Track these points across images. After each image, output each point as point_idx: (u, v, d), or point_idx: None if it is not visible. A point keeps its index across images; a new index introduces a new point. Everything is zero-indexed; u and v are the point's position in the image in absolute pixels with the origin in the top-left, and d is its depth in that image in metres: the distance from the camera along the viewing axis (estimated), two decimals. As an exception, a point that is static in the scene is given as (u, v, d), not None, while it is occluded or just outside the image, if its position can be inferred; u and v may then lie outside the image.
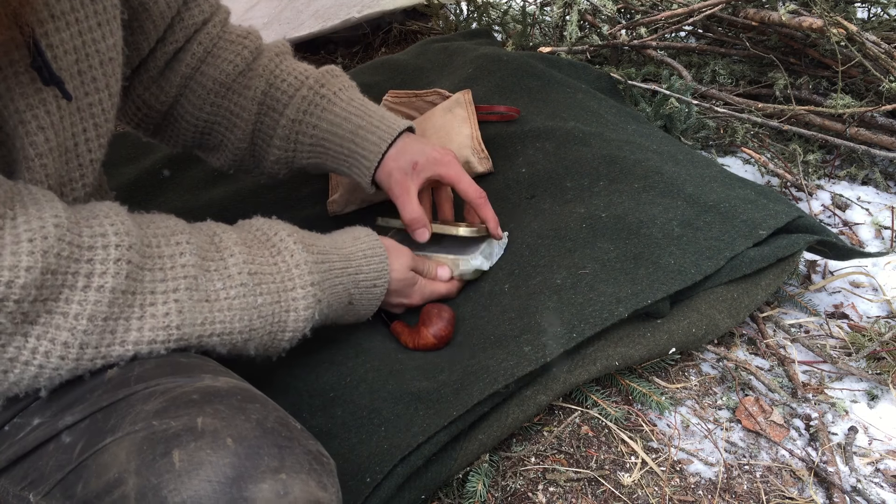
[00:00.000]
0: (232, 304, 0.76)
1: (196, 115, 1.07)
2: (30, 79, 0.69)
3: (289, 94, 1.06)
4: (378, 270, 0.96)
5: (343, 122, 1.06)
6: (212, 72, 1.05)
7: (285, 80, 1.07)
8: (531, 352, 0.93)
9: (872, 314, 1.15)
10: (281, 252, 0.83)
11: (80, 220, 0.67)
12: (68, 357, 0.65)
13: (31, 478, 0.65)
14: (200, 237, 0.77)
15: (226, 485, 0.57)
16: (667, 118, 1.51)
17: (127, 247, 0.68)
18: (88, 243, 0.66)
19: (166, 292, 0.71)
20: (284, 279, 0.82)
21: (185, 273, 0.72)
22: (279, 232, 0.85)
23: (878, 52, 1.41)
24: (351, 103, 1.08)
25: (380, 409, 0.90)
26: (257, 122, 1.08)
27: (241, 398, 0.65)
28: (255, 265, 0.79)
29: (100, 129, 0.78)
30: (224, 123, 1.08)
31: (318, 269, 0.85)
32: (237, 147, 1.10)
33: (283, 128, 1.07)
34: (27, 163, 0.69)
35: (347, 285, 0.91)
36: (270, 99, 1.07)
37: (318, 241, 0.90)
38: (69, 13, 0.73)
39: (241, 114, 1.07)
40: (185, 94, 1.06)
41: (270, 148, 1.09)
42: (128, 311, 0.68)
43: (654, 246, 1.06)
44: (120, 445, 0.61)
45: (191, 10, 1.03)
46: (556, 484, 0.91)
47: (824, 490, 0.90)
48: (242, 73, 1.06)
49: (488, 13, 2.14)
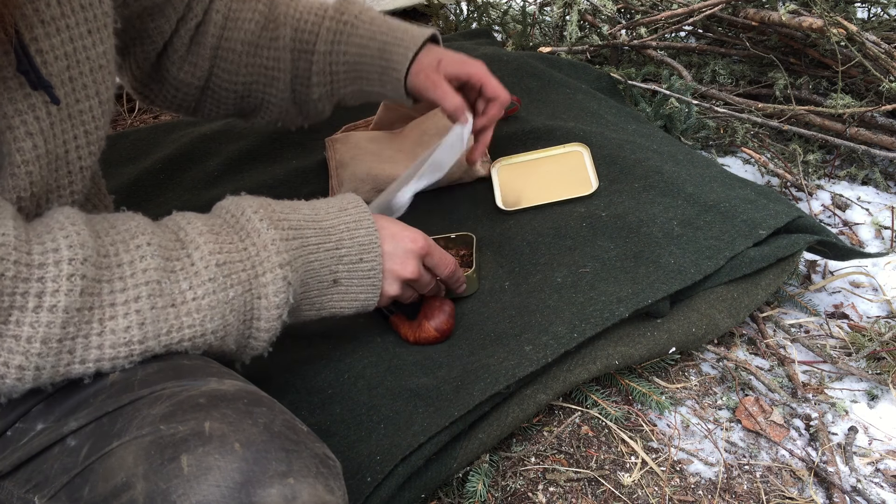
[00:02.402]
0: (201, 304, 0.71)
1: (234, 80, 1.10)
2: (18, 84, 0.68)
3: (314, 31, 1.08)
4: (363, 244, 0.87)
5: (369, 42, 1.08)
6: (237, 35, 1.07)
7: (308, 19, 1.09)
8: (532, 351, 0.93)
9: (872, 314, 1.15)
10: (249, 234, 0.77)
11: (32, 236, 0.64)
12: (25, 378, 0.64)
13: (36, 481, 0.65)
14: (164, 235, 0.73)
15: (234, 489, 0.57)
16: (667, 118, 1.51)
17: (81, 260, 0.65)
18: (39, 261, 0.63)
19: (127, 302, 0.67)
20: (255, 264, 0.76)
21: (146, 279, 0.68)
22: (245, 210, 0.79)
23: (878, 52, 1.41)
24: (373, 23, 1.10)
25: (378, 407, 0.91)
26: (294, 68, 1.10)
27: (248, 402, 0.65)
28: (224, 254, 0.74)
29: (90, 136, 0.77)
30: (262, 80, 1.11)
31: (287, 247, 0.78)
32: (280, 99, 1.12)
33: (318, 63, 1.09)
34: (12, 169, 0.68)
35: (327, 262, 0.84)
36: (299, 42, 1.09)
37: (292, 213, 0.83)
38: (59, 19, 0.72)
39: (278, 65, 1.09)
40: (218, 63, 1.08)
41: (311, 88, 1.11)
42: (86, 329, 0.65)
43: (654, 245, 1.06)
44: (127, 449, 0.61)
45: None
46: (556, 484, 0.91)
47: (824, 490, 0.90)
48: (265, 27, 1.08)
49: (488, 13, 2.14)
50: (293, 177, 1.39)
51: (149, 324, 0.68)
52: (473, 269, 1.07)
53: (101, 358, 0.66)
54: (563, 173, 1.22)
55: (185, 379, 0.67)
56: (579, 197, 1.18)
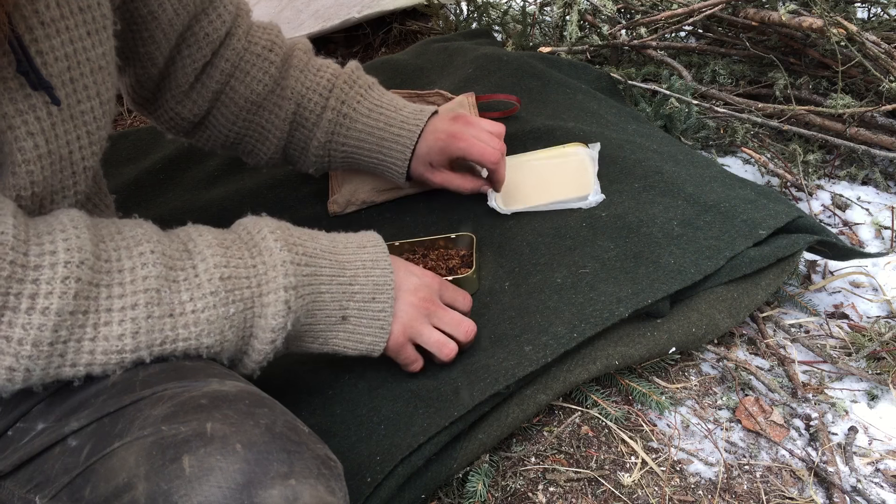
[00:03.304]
0: (199, 317, 0.71)
1: (229, 127, 1.11)
2: (19, 84, 0.68)
3: (316, 113, 1.11)
4: (378, 283, 0.86)
5: (367, 136, 1.13)
6: (242, 89, 1.08)
7: (311, 98, 1.11)
8: (532, 352, 0.93)
9: (872, 314, 1.15)
10: (261, 252, 0.77)
11: (32, 236, 0.65)
12: (14, 379, 0.64)
13: (37, 481, 0.65)
14: (172, 244, 0.73)
15: (236, 491, 0.57)
16: (667, 118, 1.51)
17: (77, 263, 0.64)
18: (35, 262, 0.63)
19: (123, 309, 0.67)
20: (261, 282, 0.75)
21: (145, 286, 0.68)
22: (262, 229, 0.79)
23: (878, 52, 1.41)
24: (370, 115, 1.12)
25: (379, 407, 0.91)
26: (289, 138, 1.14)
27: (250, 402, 0.65)
28: (230, 268, 0.74)
29: (92, 136, 0.77)
30: (256, 136, 1.13)
31: (296, 271, 0.78)
32: (271, 156, 1.16)
33: (316, 147, 1.13)
34: (13, 168, 0.69)
35: (338, 296, 0.83)
36: (300, 118, 1.12)
37: (310, 241, 0.83)
38: (59, 21, 0.73)
39: (274, 131, 1.12)
40: (217, 107, 1.09)
41: (307, 159, 1.16)
42: (79, 333, 0.65)
43: (654, 245, 1.06)
44: (129, 450, 0.61)
45: (211, 21, 1.03)
46: (556, 484, 0.91)
47: (824, 490, 0.90)
48: (272, 91, 1.10)
49: (488, 13, 2.14)
50: (293, 177, 1.40)
51: (143, 333, 0.68)
52: (473, 270, 1.07)
53: (92, 363, 0.67)
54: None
55: (186, 380, 0.67)
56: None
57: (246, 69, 1.07)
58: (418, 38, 2.25)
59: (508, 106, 1.43)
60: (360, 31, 2.34)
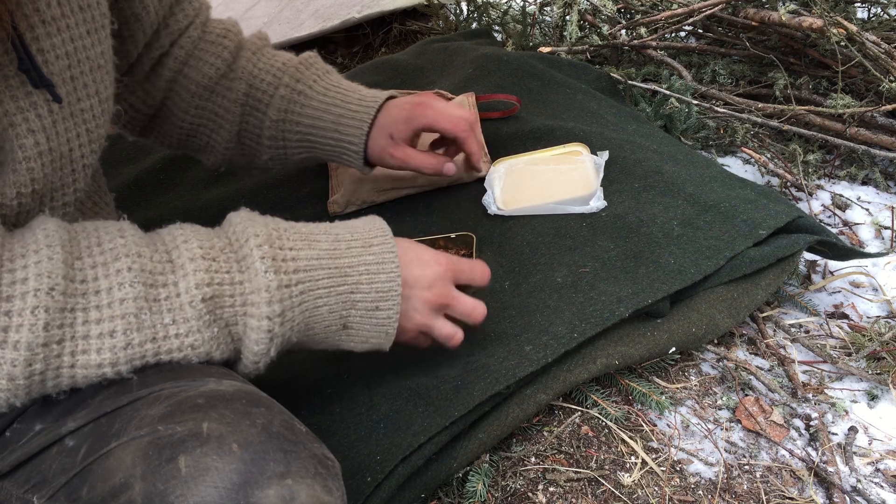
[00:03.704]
0: (184, 342, 0.68)
1: (182, 117, 1.09)
2: (20, 82, 0.69)
3: (269, 93, 1.08)
4: (383, 291, 0.79)
5: (323, 114, 1.09)
6: (194, 75, 1.07)
7: (264, 79, 1.08)
8: (532, 351, 0.93)
9: (872, 314, 1.15)
10: (248, 268, 0.71)
11: (5, 261, 0.62)
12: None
13: (35, 481, 0.65)
14: (154, 255, 0.69)
15: (232, 491, 0.57)
16: (667, 118, 1.51)
17: (46, 290, 0.62)
18: (7, 293, 0.61)
19: (101, 336, 0.64)
20: (246, 303, 0.71)
21: (122, 311, 0.65)
22: (249, 240, 0.72)
23: (878, 52, 1.41)
24: (327, 94, 1.09)
25: (378, 406, 0.91)
26: (242, 122, 1.10)
27: (247, 402, 0.65)
28: (213, 286, 0.69)
29: (91, 134, 0.77)
30: (209, 125, 1.10)
31: (282, 295, 0.72)
32: (225, 147, 1.12)
33: (269, 128, 1.09)
34: (13, 165, 0.69)
35: (336, 307, 0.77)
36: (252, 100, 1.09)
37: (305, 249, 0.76)
38: (60, 19, 0.73)
39: (226, 115, 1.09)
40: (171, 96, 1.08)
41: (261, 147, 1.12)
42: (56, 362, 0.63)
43: (654, 245, 1.06)
44: (125, 450, 0.61)
45: (176, 16, 1.04)
46: (556, 484, 0.91)
47: (824, 490, 0.90)
48: (224, 75, 1.08)
49: (488, 13, 2.14)
50: (293, 177, 1.40)
51: (122, 363, 0.66)
52: None
53: (75, 385, 0.66)
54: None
55: (183, 379, 0.67)
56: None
57: (199, 55, 1.07)
58: (418, 38, 2.25)
59: (508, 106, 1.43)
60: (360, 31, 2.35)
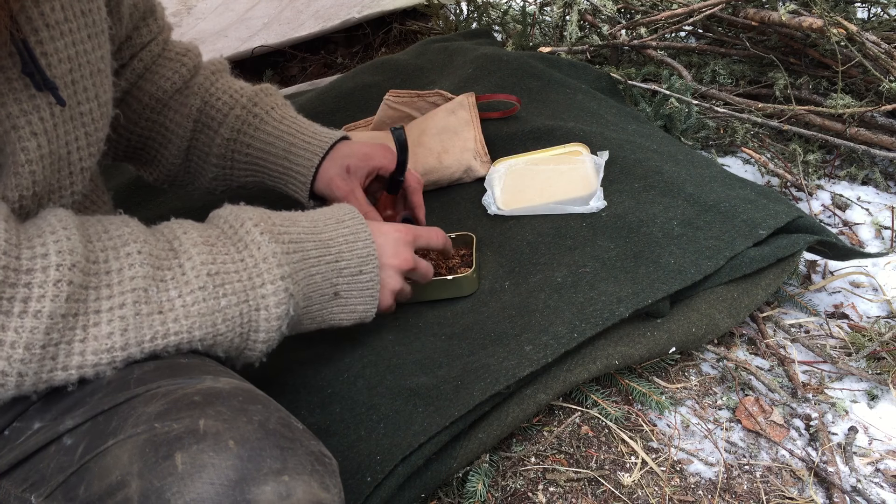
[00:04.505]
0: (189, 311, 0.71)
1: (131, 129, 1.09)
2: (23, 85, 0.69)
3: (223, 112, 1.08)
4: (362, 256, 0.88)
5: (276, 140, 1.09)
6: (149, 87, 1.07)
7: (220, 98, 1.08)
8: (532, 351, 0.93)
9: (872, 314, 1.15)
10: (248, 245, 0.77)
11: (23, 239, 0.65)
12: (7, 385, 0.64)
13: (33, 480, 0.65)
14: (158, 244, 0.73)
15: (228, 487, 0.57)
16: (667, 118, 1.51)
17: (69, 266, 0.65)
18: (27, 266, 0.63)
19: (112, 309, 0.67)
20: (252, 275, 0.76)
21: (133, 286, 0.68)
22: (245, 222, 0.79)
23: (878, 52, 1.41)
24: (283, 122, 1.10)
25: (378, 406, 0.91)
26: (192, 138, 1.10)
27: (243, 399, 0.65)
28: (217, 265, 0.74)
29: (90, 137, 0.78)
30: (158, 139, 1.10)
31: (288, 259, 0.79)
32: (171, 163, 1.11)
33: (219, 146, 1.09)
34: (16, 167, 0.69)
35: (328, 274, 0.85)
36: (205, 117, 1.09)
37: (292, 226, 0.83)
38: (63, 23, 0.74)
39: (177, 130, 1.09)
40: (121, 107, 1.07)
41: (207, 165, 1.11)
42: (69, 335, 0.65)
43: (654, 245, 1.06)
44: (122, 448, 0.61)
45: (140, 32, 1.05)
46: (556, 484, 0.91)
47: (824, 490, 0.90)
48: (179, 90, 1.08)
49: (488, 13, 2.14)
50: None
51: (131, 330, 0.68)
52: (473, 269, 1.07)
53: (84, 364, 0.66)
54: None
55: (180, 377, 0.67)
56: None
57: (156, 70, 1.07)
58: (418, 38, 2.25)
59: (508, 106, 1.43)
60: (360, 31, 2.35)
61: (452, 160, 1.31)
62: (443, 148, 1.32)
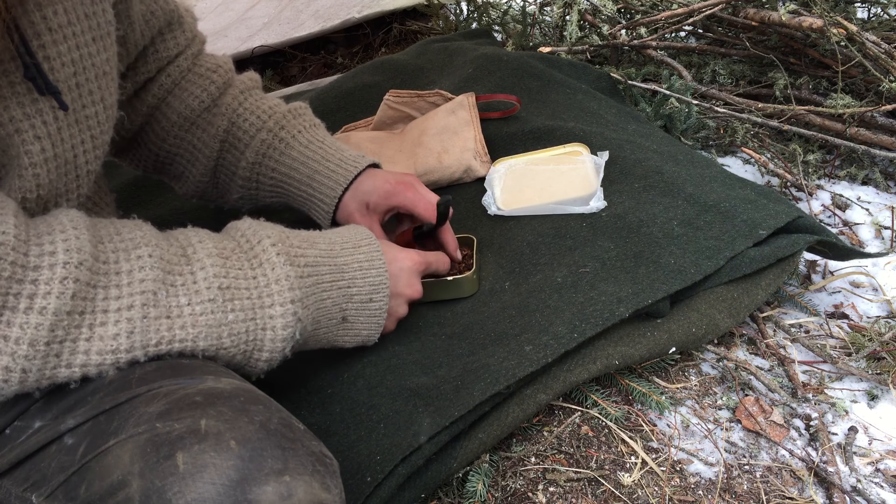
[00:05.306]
0: (197, 320, 0.72)
1: (159, 144, 1.08)
2: (27, 89, 0.69)
3: (250, 133, 1.07)
4: (374, 284, 0.90)
5: (300, 166, 1.07)
6: (177, 105, 1.06)
7: (247, 119, 1.07)
8: (532, 351, 0.93)
9: (872, 314, 1.15)
10: (262, 264, 0.78)
11: (32, 236, 0.65)
12: (11, 380, 0.64)
13: (34, 479, 0.65)
14: (171, 249, 0.74)
15: (230, 487, 0.57)
16: (667, 118, 1.51)
17: (76, 264, 0.65)
18: (34, 263, 0.64)
19: (119, 310, 0.67)
20: (262, 294, 0.76)
21: (142, 288, 0.69)
22: (263, 240, 0.79)
23: (878, 52, 1.41)
24: (309, 146, 1.08)
25: (378, 406, 0.91)
26: (219, 158, 1.09)
27: (244, 399, 0.65)
28: (229, 279, 0.75)
29: (96, 140, 0.78)
30: (186, 156, 1.09)
31: (301, 283, 0.80)
32: (199, 180, 1.11)
33: (244, 169, 1.08)
34: (20, 171, 0.69)
35: (338, 300, 0.86)
36: (232, 137, 1.07)
37: (309, 248, 0.84)
38: (66, 27, 0.73)
39: (204, 149, 1.08)
40: (151, 123, 1.07)
41: (234, 185, 1.10)
42: (74, 333, 0.65)
43: (654, 245, 1.06)
44: (123, 448, 0.61)
45: (165, 42, 1.03)
46: (556, 484, 0.91)
47: (824, 490, 0.90)
48: (208, 108, 1.07)
49: (488, 13, 2.15)
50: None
51: (138, 333, 0.68)
52: (473, 270, 1.07)
53: (88, 363, 0.67)
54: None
55: (182, 377, 0.67)
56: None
57: (185, 86, 1.06)
58: (418, 38, 2.25)
59: (508, 106, 1.43)
60: (360, 31, 2.35)
61: (452, 160, 1.31)
62: (443, 148, 1.32)
